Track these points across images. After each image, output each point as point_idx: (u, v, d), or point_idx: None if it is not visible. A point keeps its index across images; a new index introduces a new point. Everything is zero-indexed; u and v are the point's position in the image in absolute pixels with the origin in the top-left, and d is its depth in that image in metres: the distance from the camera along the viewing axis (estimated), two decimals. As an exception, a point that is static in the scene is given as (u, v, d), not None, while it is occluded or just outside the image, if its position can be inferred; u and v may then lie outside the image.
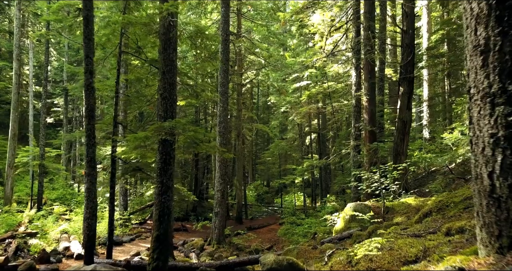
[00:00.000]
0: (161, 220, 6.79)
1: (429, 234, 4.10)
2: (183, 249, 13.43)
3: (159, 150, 7.02)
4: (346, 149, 14.31)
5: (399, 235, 4.46)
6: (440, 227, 4.36)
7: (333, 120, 21.07)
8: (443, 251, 2.85)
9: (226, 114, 14.65)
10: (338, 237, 7.94)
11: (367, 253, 3.61)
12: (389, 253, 3.43)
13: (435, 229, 4.31)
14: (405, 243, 3.65)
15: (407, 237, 4.08)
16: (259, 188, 35.78)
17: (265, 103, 41.34)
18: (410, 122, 12.65)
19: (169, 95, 7.09)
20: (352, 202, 12.74)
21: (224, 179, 14.47)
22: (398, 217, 7.67)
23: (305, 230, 16.50)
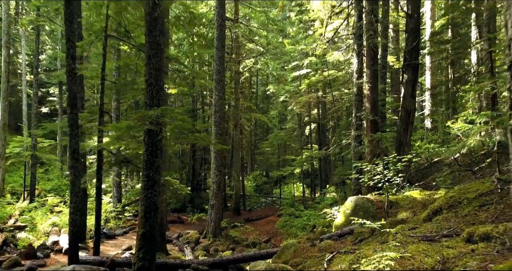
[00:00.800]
0: (147, 217, 6.28)
1: (444, 237, 3.57)
2: (178, 242, 12.99)
3: (145, 140, 6.47)
4: (346, 139, 13.78)
5: (408, 238, 3.94)
6: (455, 228, 3.84)
7: (333, 109, 20.48)
8: (468, 265, 2.34)
9: (222, 103, 14.07)
10: (338, 233, 7.45)
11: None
12: (400, 263, 2.92)
13: (450, 231, 3.78)
14: (417, 249, 3.12)
15: (419, 241, 3.56)
16: (258, 178, 35.35)
17: (264, 93, 40.67)
18: (414, 111, 12.08)
19: (155, 81, 6.51)
20: (353, 195, 12.25)
21: (221, 170, 13.96)
22: (403, 212, 7.16)
23: (303, 222, 16.08)
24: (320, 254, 6.22)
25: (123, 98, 19.45)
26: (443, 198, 5.32)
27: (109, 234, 13.18)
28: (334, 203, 16.52)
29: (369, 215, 7.74)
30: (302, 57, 23.57)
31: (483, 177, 8.55)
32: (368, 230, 6.54)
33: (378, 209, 7.84)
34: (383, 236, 5.48)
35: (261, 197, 29.66)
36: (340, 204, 16.46)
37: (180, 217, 17.92)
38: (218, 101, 13.96)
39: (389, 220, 6.50)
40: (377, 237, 6.04)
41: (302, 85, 21.58)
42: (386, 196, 7.48)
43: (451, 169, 11.98)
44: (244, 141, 35.92)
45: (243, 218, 19.19)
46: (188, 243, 12.92)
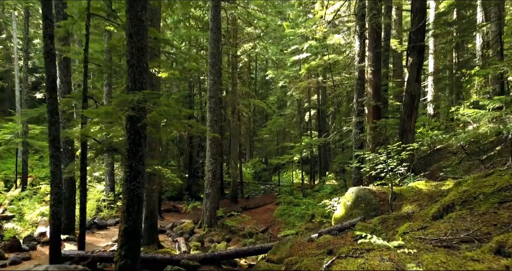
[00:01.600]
0: (129, 211, 5.75)
1: (463, 243, 3.04)
2: (172, 233, 12.55)
3: (127, 128, 5.89)
4: (347, 126, 13.20)
5: (419, 242, 3.40)
6: (474, 231, 3.30)
7: (334, 95, 19.84)
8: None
9: (217, 88, 13.43)
10: (338, 227, 6.94)
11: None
12: (415, 280, 2.39)
13: (469, 234, 3.24)
14: (434, 261, 2.58)
15: (433, 247, 3.02)
16: (257, 165, 34.90)
17: (264, 78, 39.92)
18: (419, 96, 11.46)
19: (137, 62, 5.89)
20: (353, 185, 11.75)
21: (216, 158, 13.43)
22: (408, 205, 6.64)
23: (302, 211, 15.65)
24: (318, 252, 5.72)
25: (116, 83, 18.79)
26: (455, 192, 4.77)
27: (101, 224, 12.74)
28: (333, 191, 16.07)
29: (371, 208, 7.24)
30: (302, 41, 22.78)
31: (493, 166, 8.02)
32: (371, 225, 6.03)
33: (381, 201, 7.32)
34: (388, 233, 4.96)
35: (260, 184, 29.25)
36: (340, 192, 16.02)
37: (175, 206, 17.49)
38: (213, 86, 13.32)
39: (393, 214, 5.98)
40: (381, 233, 5.53)
41: (302, 70, 20.87)
42: (390, 187, 6.95)
43: (456, 157, 11.45)
44: (242, 127, 35.35)
45: (241, 206, 18.78)
46: (182, 233, 12.49)
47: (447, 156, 13.90)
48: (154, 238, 10.46)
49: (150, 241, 10.36)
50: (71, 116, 9.79)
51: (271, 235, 14.23)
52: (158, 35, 8.51)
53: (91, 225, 12.51)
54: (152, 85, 10.43)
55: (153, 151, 10.37)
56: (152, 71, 9.91)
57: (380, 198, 7.36)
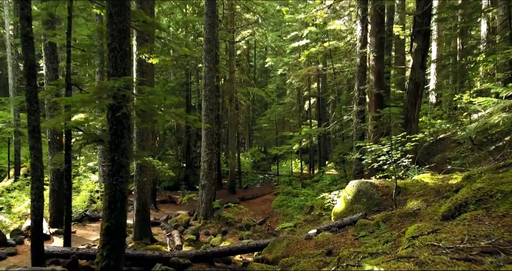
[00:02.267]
0: (112, 208, 5.30)
1: (486, 255, 2.58)
2: (166, 225, 12.16)
3: (108, 118, 5.40)
4: (348, 115, 12.70)
5: (431, 249, 2.95)
6: (497, 239, 2.84)
7: (334, 82, 19.24)
8: None
9: (212, 75, 12.88)
10: (338, 223, 6.51)
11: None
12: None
13: (491, 242, 2.78)
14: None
15: (450, 259, 2.56)
16: (255, 154, 34.47)
17: (263, 66, 39.22)
18: (424, 84, 10.95)
19: (119, 45, 5.36)
20: (354, 177, 11.32)
21: (211, 149, 12.96)
22: (413, 200, 6.19)
23: (301, 203, 15.26)
24: (316, 252, 5.30)
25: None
26: (469, 189, 4.31)
27: (93, 216, 12.34)
28: (333, 181, 15.66)
29: (373, 203, 6.80)
30: (301, 27, 22.07)
31: (503, 158, 7.55)
32: (373, 222, 5.59)
33: (384, 195, 6.88)
34: (393, 234, 4.52)
35: (259, 173, 28.89)
36: (340, 183, 15.62)
37: (171, 197, 17.10)
38: (208, 73, 12.77)
39: (398, 211, 5.53)
40: (385, 232, 5.09)
41: (302, 57, 20.23)
42: (395, 181, 6.49)
43: (462, 147, 10.97)
44: (241, 116, 34.81)
45: (238, 197, 18.40)
46: (177, 226, 12.10)
47: (451, 145, 13.44)
48: (146, 232, 10.07)
49: (143, 234, 9.97)
50: (57, 105, 9.31)
51: (269, 227, 13.87)
52: (146, 18, 7.93)
53: (83, 218, 12.12)
54: (143, 72, 9.91)
55: (145, 142, 9.89)
56: (143, 58, 9.37)
57: (382, 192, 6.91)
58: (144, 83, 9.81)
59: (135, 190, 9.97)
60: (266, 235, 12.75)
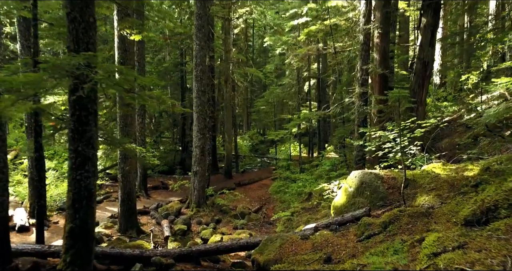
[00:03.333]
0: (76, 207, 4.56)
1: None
2: (156, 214, 11.51)
3: (70, 102, 4.59)
4: (349, 97, 11.85)
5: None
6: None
7: (335, 62, 18.26)
8: None
9: (204, 54, 11.96)
10: (338, 220, 5.79)
11: None
12: None
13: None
14: None
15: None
16: (254, 137, 33.71)
17: (262, 46, 38.00)
18: (432, 63, 10.08)
19: (80, 15, 4.49)
20: (355, 164, 10.56)
21: (204, 133, 12.19)
22: (424, 195, 5.45)
23: (299, 189, 14.60)
24: (313, 256, 4.60)
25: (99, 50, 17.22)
26: (499, 190, 3.55)
27: (79, 205, 11.68)
28: (333, 167, 14.95)
29: (377, 197, 6.07)
30: (301, 3, 20.94)
31: (524, 146, 6.80)
32: (379, 221, 4.86)
33: (390, 188, 6.14)
34: (405, 242, 3.78)
35: (256, 157, 28.21)
36: (340, 169, 14.91)
37: (164, 182, 16.44)
38: (200, 51, 11.85)
39: (408, 209, 4.79)
40: (393, 234, 4.37)
41: (301, 35, 19.19)
42: (403, 172, 5.73)
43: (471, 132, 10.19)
44: (239, 98, 33.87)
45: (234, 182, 17.74)
46: (168, 215, 11.46)
47: (459, 130, 12.67)
48: (132, 223, 9.42)
49: (128, 226, 9.32)
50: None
51: (265, 215, 13.25)
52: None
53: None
54: (125, 50, 9.02)
55: (129, 127, 9.10)
56: (124, 34, 8.47)
57: (388, 184, 6.17)
58: (126, 63, 8.96)
59: (119, 179, 9.27)
60: (262, 223, 12.14)
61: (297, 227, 10.39)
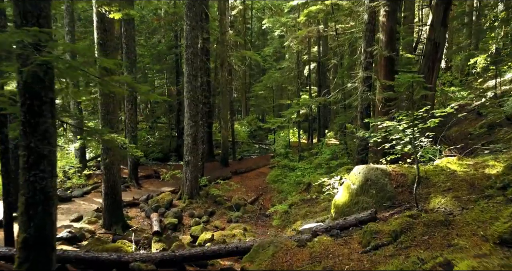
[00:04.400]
0: (30, 214, 3.85)
1: None
2: (145, 206, 10.86)
3: (19, 88, 3.82)
4: (352, 82, 11.03)
5: None
6: None
7: (336, 44, 17.31)
8: None
9: (195, 35, 11.08)
10: (340, 224, 5.09)
11: None
12: None
13: None
14: None
15: None
16: (252, 123, 32.88)
17: (260, 29, 36.80)
18: (444, 44, 9.22)
19: (28, -18, 3.68)
20: (357, 154, 9.83)
21: (196, 120, 11.43)
22: (439, 196, 4.74)
23: (297, 178, 13.93)
24: (311, 267, 3.92)
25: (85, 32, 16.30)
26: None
27: (64, 197, 11.00)
28: (333, 155, 14.24)
29: (384, 196, 5.35)
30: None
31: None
32: (389, 230, 4.15)
33: (398, 186, 5.42)
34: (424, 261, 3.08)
35: (255, 143, 27.48)
36: (341, 158, 14.20)
37: (157, 171, 15.76)
38: (190, 32, 10.97)
39: (423, 217, 4.07)
40: (409, 252, 3.66)
41: (301, 16, 18.18)
42: (416, 168, 5.00)
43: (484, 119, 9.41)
44: (237, 82, 32.91)
45: (231, 171, 17.07)
46: (158, 207, 10.81)
47: (469, 117, 11.91)
48: (117, 218, 8.76)
49: (113, 221, 8.67)
50: None
51: (262, 207, 12.62)
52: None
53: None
54: (105, 30, 8.16)
55: (111, 115, 8.33)
56: (102, 11, 7.62)
57: (397, 182, 5.45)
58: (107, 44, 8.13)
59: (102, 171, 8.56)
60: (258, 216, 11.51)
61: (294, 222, 9.75)
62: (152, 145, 23.11)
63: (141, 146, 22.26)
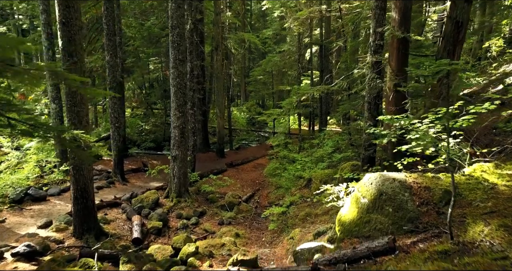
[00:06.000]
0: None
1: None
2: (128, 207, 9.78)
3: None
4: (359, 69, 9.76)
5: None
6: None
7: (340, 23, 15.87)
8: None
9: (181, 14, 9.77)
10: (348, 255, 3.95)
11: None
12: None
13: None
14: None
15: None
16: (252, 109, 31.65)
17: (260, 10, 35.15)
18: (467, 23, 7.91)
19: None
20: (364, 151, 8.66)
21: (183, 111, 10.23)
22: (479, 222, 3.58)
23: (297, 172, 12.82)
24: None
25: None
26: None
27: (37, 196, 9.90)
28: (336, 148, 13.08)
29: (404, 216, 4.20)
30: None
31: None
32: None
33: (422, 204, 4.26)
34: None
35: (253, 131, 26.31)
36: (344, 151, 13.01)
37: (145, 164, 14.63)
38: (176, 11, 9.66)
39: (464, 261, 2.93)
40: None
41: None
42: (452, 186, 3.85)
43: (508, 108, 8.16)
44: (236, 66, 31.50)
45: (226, 163, 15.98)
46: (142, 208, 9.74)
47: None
48: (90, 224, 7.67)
49: (85, 228, 7.59)
50: None
51: (257, 205, 11.57)
52: None
53: (23, 198, 9.71)
54: (68, 7, 6.89)
55: (79, 107, 7.14)
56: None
57: (420, 197, 4.29)
58: (71, 23, 6.88)
59: (70, 172, 7.42)
60: (253, 216, 10.45)
61: (292, 226, 8.67)
62: (145, 133, 21.95)
63: (134, 134, 21.15)
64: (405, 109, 8.17)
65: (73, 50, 6.99)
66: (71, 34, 6.93)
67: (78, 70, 7.08)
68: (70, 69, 6.93)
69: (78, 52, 7.08)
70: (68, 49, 6.96)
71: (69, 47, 6.95)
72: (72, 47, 6.98)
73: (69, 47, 6.95)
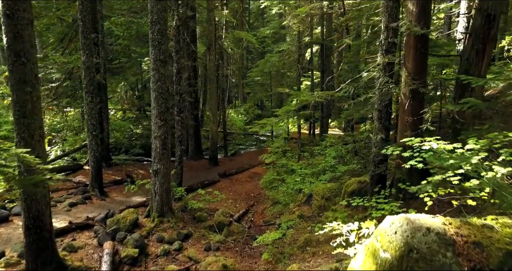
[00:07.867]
0: None
1: None
2: (101, 229, 8.50)
3: None
4: (367, 71, 8.48)
5: None
6: None
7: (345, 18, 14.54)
8: None
9: (161, 8, 8.50)
10: None
11: None
12: None
13: None
14: None
15: None
16: (250, 111, 30.31)
17: (259, 9, 33.94)
18: (500, 17, 6.63)
19: None
20: (374, 167, 7.37)
21: (165, 119, 8.95)
22: None
23: (296, 186, 11.50)
24: None
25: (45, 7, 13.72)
26: None
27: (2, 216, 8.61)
28: (339, 159, 11.79)
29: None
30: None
31: None
32: None
33: (471, 269, 2.95)
34: None
35: (251, 135, 24.97)
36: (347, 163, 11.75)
37: (130, 175, 13.31)
38: (156, 5, 8.39)
39: None
40: None
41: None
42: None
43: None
44: (234, 66, 30.24)
45: (219, 173, 14.67)
46: (117, 230, 8.46)
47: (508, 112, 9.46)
48: (46, 258, 6.40)
49: (41, 263, 6.31)
50: None
51: (251, 225, 10.29)
52: None
53: None
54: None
55: (29, 118, 5.86)
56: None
57: (469, 260, 3.00)
58: (17, 16, 5.62)
59: (21, 195, 6.15)
60: (245, 240, 9.13)
61: (289, 257, 7.37)
62: (136, 138, 20.67)
63: (124, 139, 19.88)
64: (423, 119, 6.91)
65: (21, 49, 5.72)
66: (18, 29, 5.66)
67: (28, 72, 5.82)
68: (18, 72, 5.68)
69: (28, 51, 5.80)
70: (14, 48, 5.69)
71: (15, 45, 5.69)
72: (20, 45, 5.72)
73: (16, 45, 5.69)
